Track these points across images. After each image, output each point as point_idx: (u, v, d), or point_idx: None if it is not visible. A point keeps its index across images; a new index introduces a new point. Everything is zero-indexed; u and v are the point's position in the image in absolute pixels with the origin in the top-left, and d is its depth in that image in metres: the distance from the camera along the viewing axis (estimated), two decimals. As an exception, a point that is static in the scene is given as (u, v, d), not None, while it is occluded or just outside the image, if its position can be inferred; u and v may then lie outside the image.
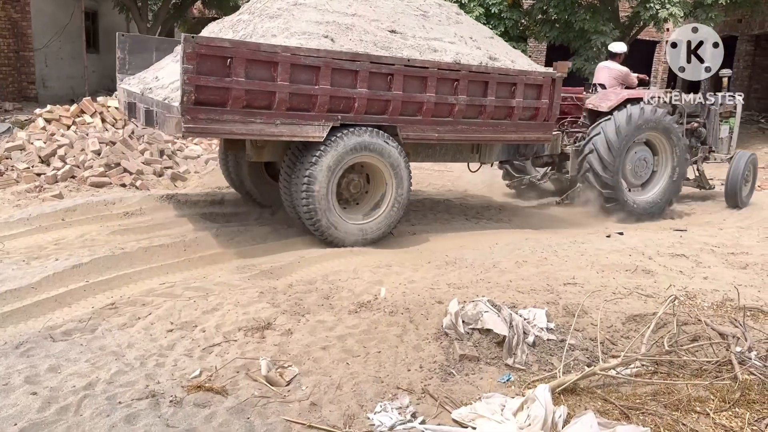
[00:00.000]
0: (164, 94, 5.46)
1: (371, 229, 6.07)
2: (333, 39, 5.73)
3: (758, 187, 11.01)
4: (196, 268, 5.14)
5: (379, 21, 6.35)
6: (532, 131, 6.88)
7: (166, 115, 5.21)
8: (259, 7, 6.19)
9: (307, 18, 5.88)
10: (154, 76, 6.18)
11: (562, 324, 4.21)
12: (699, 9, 13.76)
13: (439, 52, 6.31)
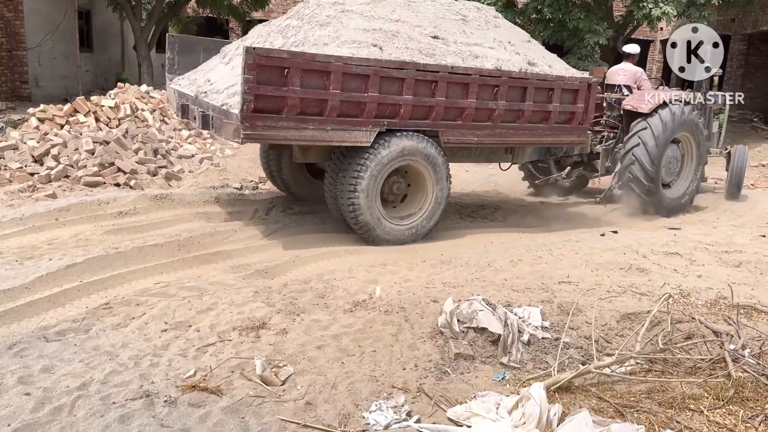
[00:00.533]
0: (221, 99, 5.61)
1: (412, 229, 6.30)
2: (381, 47, 5.93)
3: (751, 186, 11.07)
4: (191, 268, 5.12)
5: (422, 27, 6.53)
6: (567, 135, 7.07)
7: (223, 120, 5.39)
8: (307, 13, 6.40)
9: (355, 25, 6.07)
10: (206, 78, 6.35)
11: (556, 322, 4.22)
12: (692, 8, 13.81)
13: (480, 58, 6.46)
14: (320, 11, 6.30)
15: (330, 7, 6.34)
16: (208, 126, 5.67)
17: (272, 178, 7.50)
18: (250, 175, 8.77)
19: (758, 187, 10.95)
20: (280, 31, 6.35)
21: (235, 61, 6.33)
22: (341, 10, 6.29)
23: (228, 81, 5.87)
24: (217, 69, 6.48)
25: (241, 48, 5.78)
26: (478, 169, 11.36)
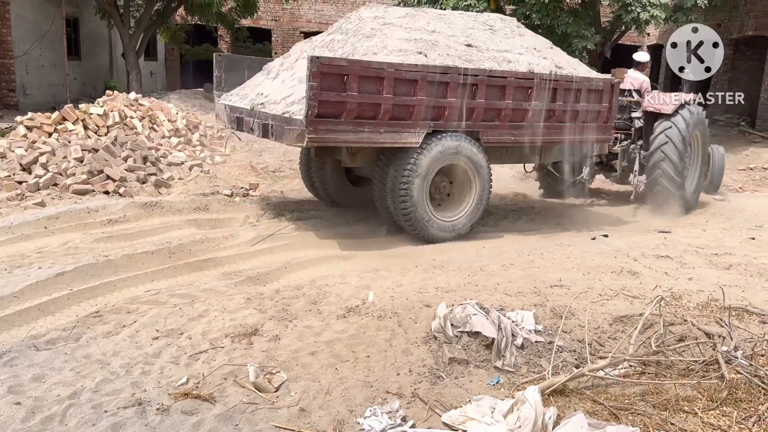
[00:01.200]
0: (280, 108, 5.95)
1: (458, 225, 6.69)
2: (426, 54, 6.37)
3: (739, 189, 11.17)
4: (182, 275, 5.08)
5: (456, 36, 7.01)
6: (593, 133, 7.54)
7: (285, 127, 5.74)
8: (351, 27, 6.89)
9: (398, 36, 6.53)
10: (257, 92, 6.75)
11: (549, 326, 4.22)
12: (679, 12, 13.92)
13: (513, 62, 6.91)
14: (364, 25, 6.75)
15: (372, 21, 6.80)
16: (268, 134, 6.02)
17: (313, 187, 7.80)
18: (241, 181, 8.74)
19: (746, 190, 11.05)
20: (324, 45, 6.76)
21: (283, 75, 6.79)
22: (382, 23, 6.76)
23: (282, 92, 6.25)
24: (265, 84, 6.92)
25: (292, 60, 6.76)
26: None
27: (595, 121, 7.44)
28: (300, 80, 6.12)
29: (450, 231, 6.61)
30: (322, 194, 7.74)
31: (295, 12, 25.08)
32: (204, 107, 13.77)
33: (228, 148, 10.99)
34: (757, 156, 13.50)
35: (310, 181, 7.77)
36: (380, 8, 7.41)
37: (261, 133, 6.15)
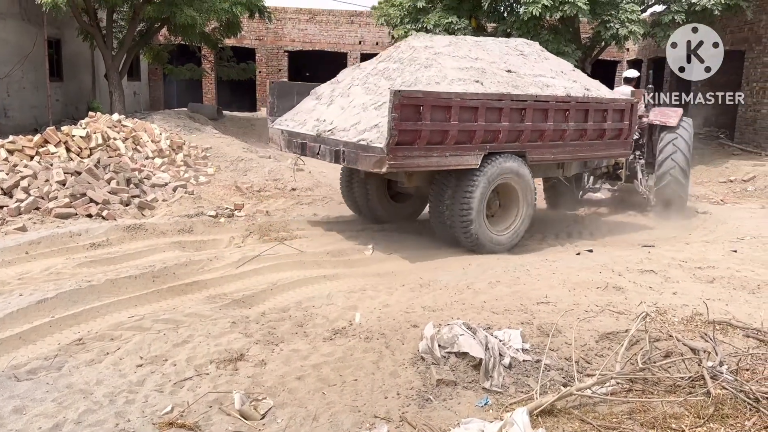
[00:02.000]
0: (352, 136, 6.38)
1: (508, 239, 7.21)
2: (482, 83, 6.92)
3: (720, 201, 11.31)
4: (166, 300, 5.03)
5: (496, 63, 7.57)
6: (616, 148, 8.26)
7: (360, 153, 6.18)
8: (405, 56, 7.36)
9: (451, 65, 7.05)
10: (316, 118, 7.16)
11: (537, 344, 4.22)
12: (657, 27, 14.17)
13: (551, 87, 7.50)
14: (418, 54, 7.25)
15: (424, 50, 7.32)
16: (339, 160, 6.45)
17: (354, 204, 8.21)
18: (225, 201, 8.70)
19: (727, 202, 11.18)
20: (379, 74, 7.26)
21: (339, 102, 7.22)
22: (434, 52, 7.27)
23: (347, 120, 6.70)
24: (319, 109, 7.34)
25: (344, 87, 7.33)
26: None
27: (618, 138, 8.10)
28: (363, 108, 6.74)
29: (501, 244, 7.09)
30: (364, 211, 8.13)
31: (278, 31, 25.20)
32: (188, 127, 13.72)
33: (212, 168, 10.96)
34: (737, 168, 13.70)
35: (352, 198, 8.16)
36: (427, 37, 8.13)
37: (332, 158, 6.54)
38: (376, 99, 6.78)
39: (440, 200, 6.85)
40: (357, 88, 7.23)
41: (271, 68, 25.52)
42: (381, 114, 6.35)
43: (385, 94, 6.47)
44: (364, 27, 24.96)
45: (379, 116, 6.38)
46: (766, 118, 15.65)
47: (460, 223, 6.70)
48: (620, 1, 12.91)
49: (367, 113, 6.59)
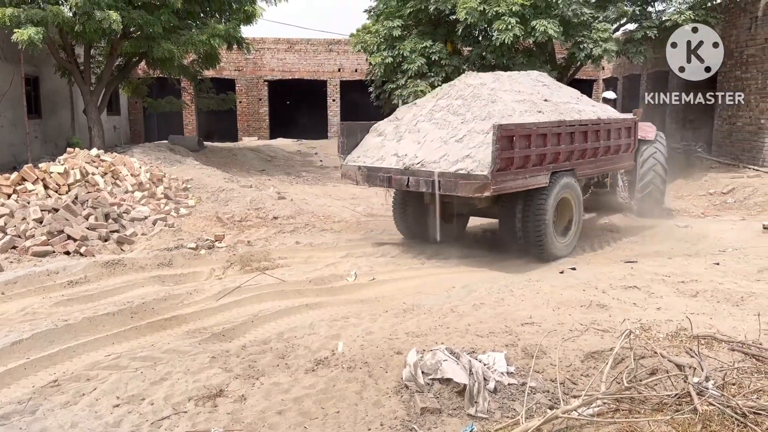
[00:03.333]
0: (447, 166, 7.12)
1: (569, 246, 8.11)
2: (543, 112, 7.95)
3: (701, 214, 11.40)
4: (144, 336, 4.92)
5: (534, 94, 8.52)
6: (626, 160, 9.45)
7: (460, 181, 6.93)
8: (465, 93, 8.20)
9: (510, 99, 8.02)
10: (394, 153, 7.81)
11: (522, 366, 4.18)
12: (629, 44, 14.41)
13: (582, 112, 8.59)
14: (479, 90, 8.14)
15: (481, 86, 8.24)
16: (433, 188, 7.15)
17: (407, 227, 8.84)
18: (206, 233, 8.61)
19: (708, 215, 11.27)
20: (444, 110, 8.06)
21: (411, 137, 7.93)
22: (490, 88, 8.19)
23: (433, 153, 7.41)
24: (389, 145, 8.04)
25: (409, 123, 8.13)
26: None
27: (627, 151, 9.30)
28: (443, 141, 7.51)
29: (563, 250, 7.95)
30: (418, 233, 8.70)
31: (258, 61, 25.34)
32: (168, 159, 13.63)
33: (193, 199, 10.88)
34: (716, 181, 13.84)
35: (405, 223, 8.82)
36: (477, 75, 8.97)
37: (428, 188, 7.25)
38: (454, 133, 7.60)
39: (512, 217, 7.68)
40: (425, 124, 8.01)
41: (252, 98, 25.60)
42: (466, 146, 7.25)
43: (459, 128, 7.57)
44: (343, 55, 25.17)
45: (465, 147, 7.24)
46: (741, 131, 15.89)
47: (535, 236, 7.50)
48: (592, 22, 13.13)
49: (449, 146, 7.39)
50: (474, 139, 7.32)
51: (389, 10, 14.94)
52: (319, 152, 21.23)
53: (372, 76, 16.44)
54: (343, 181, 8.59)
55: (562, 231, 8.10)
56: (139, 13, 14.09)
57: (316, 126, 25.81)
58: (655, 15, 14.41)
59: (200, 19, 16.65)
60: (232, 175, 14.04)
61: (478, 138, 7.29)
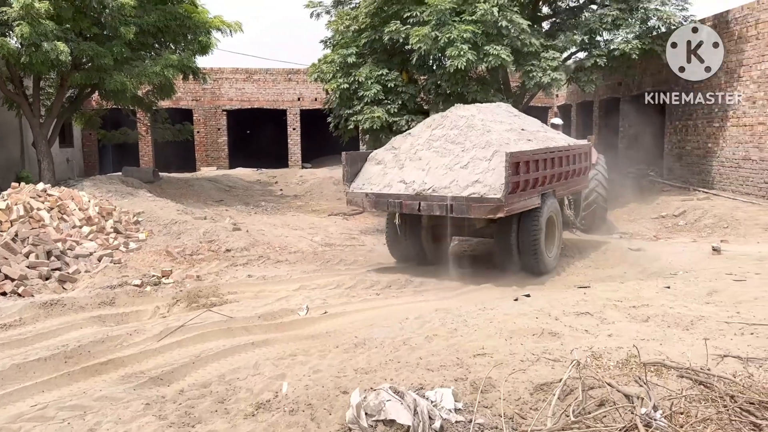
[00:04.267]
0: (459, 191, 7.86)
1: (554, 260, 8.90)
2: (532, 141, 8.96)
3: (654, 237, 11.58)
4: (77, 383, 4.66)
5: (512, 123, 9.45)
6: (583, 182, 10.66)
7: (473, 205, 7.69)
8: (459, 124, 8.82)
9: (500, 128, 8.84)
10: (401, 180, 8.41)
11: (471, 401, 4.05)
12: (580, 72, 14.72)
13: (553, 139, 9.73)
14: (471, 121, 8.80)
15: (472, 117, 8.91)
16: (445, 211, 7.84)
17: (401, 252, 9.42)
18: (154, 268, 8.34)
19: (660, 238, 11.45)
20: (442, 139, 8.64)
21: (412, 165, 8.53)
22: (480, 119, 8.94)
23: (441, 180, 8.09)
24: (392, 173, 8.60)
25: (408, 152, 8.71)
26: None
27: (584, 174, 10.39)
28: (449, 168, 8.15)
29: (552, 263, 8.75)
30: (411, 255, 9.32)
31: (216, 91, 25.16)
32: (120, 192, 13.29)
33: (144, 233, 10.58)
34: (667, 204, 14.13)
35: (398, 247, 9.39)
36: (465, 107, 9.66)
37: (441, 211, 7.90)
38: (457, 160, 8.24)
39: (508, 235, 8.41)
40: (426, 152, 8.60)
41: (210, 128, 25.34)
42: (472, 172, 7.96)
43: (461, 155, 8.26)
44: (303, 84, 25.16)
45: (472, 173, 7.95)
46: (690, 155, 16.33)
47: (531, 251, 8.26)
48: (542, 51, 13.38)
49: (456, 172, 8.08)
50: (479, 165, 8.00)
51: (345, 40, 15.00)
52: (279, 181, 21.06)
53: (330, 105, 16.45)
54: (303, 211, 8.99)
55: (549, 246, 8.78)
56: (89, 45, 13.85)
57: (276, 155, 25.66)
58: (604, 44, 14.76)
59: (154, 50, 16.46)
60: (188, 206, 13.76)
61: (482, 165, 7.99)
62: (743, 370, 4.42)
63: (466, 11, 13.07)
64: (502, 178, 7.59)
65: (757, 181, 13.65)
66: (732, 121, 14.46)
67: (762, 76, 13.27)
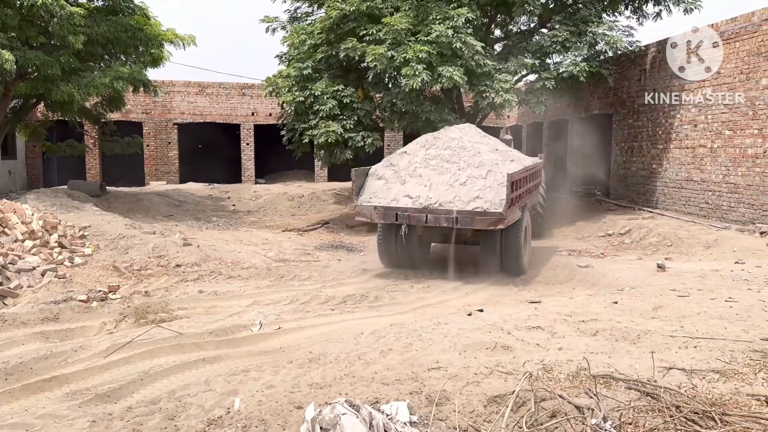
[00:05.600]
0: (461, 205, 8.92)
1: (527, 262, 9.95)
2: (514, 160, 10.51)
3: (601, 254, 11.90)
4: (18, 400, 4.46)
5: (488, 143, 10.81)
6: (537, 195, 12.07)
7: (477, 217, 8.74)
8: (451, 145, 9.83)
9: (486, 150, 10.03)
10: (406, 194, 9.32)
11: (425, 414, 4.07)
12: (530, 95, 15.12)
13: (521, 159, 11.34)
14: (462, 143, 9.82)
15: (460, 139, 9.98)
16: (452, 223, 8.87)
17: (391, 259, 10.25)
18: (101, 283, 8.08)
19: (607, 255, 11.77)
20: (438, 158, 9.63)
21: (414, 181, 9.45)
22: (468, 140, 10.07)
23: (444, 195, 9.11)
24: (395, 188, 9.49)
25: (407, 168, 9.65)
26: (350, 257, 11.38)
27: (538, 187, 11.99)
28: (449, 185, 9.18)
29: (526, 265, 9.86)
30: (403, 262, 10.20)
31: (167, 104, 24.76)
32: (65, 206, 12.87)
33: (90, 248, 10.25)
34: (614, 223, 14.55)
35: (389, 254, 10.20)
36: (451, 129, 10.76)
37: (448, 223, 8.89)
38: (455, 178, 9.24)
39: (493, 243, 9.48)
40: (424, 170, 9.54)
41: (160, 141, 24.87)
42: (471, 188, 9.03)
43: (458, 174, 9.26)
44: (257, 99, 25.02)
45: (471, 190, 9.01)
46: (635, 175, 16.92)
47: (514, 257, 9.42)
48: (494, 73, 13.70)
49: (456, 189, 9.10)
50: (476, 183, 9.08)
51: (300, 55, 15.03)
52: (232, 196, 20.78)
53: (284, 119, 16.38)
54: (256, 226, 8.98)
55: (525, 252, 9.92)
56: (36, 54, 13.47)
57: (228, 170, 25.34)
58: (553, 66, 15.21)
59: (104, 61, 16.11)
60: (136, 221, 13.42)
61: (479, 182, 9.07)
62: (687, 381, 4.57)
63: (421, 31, 13.29)
64: (499, 194, 8.75)
65: (698, 202, 14.23)
66: (675, 143, 15.07)
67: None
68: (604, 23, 14.77)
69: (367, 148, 14.55)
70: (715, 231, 12.51)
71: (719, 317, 6.32)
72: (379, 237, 10.27)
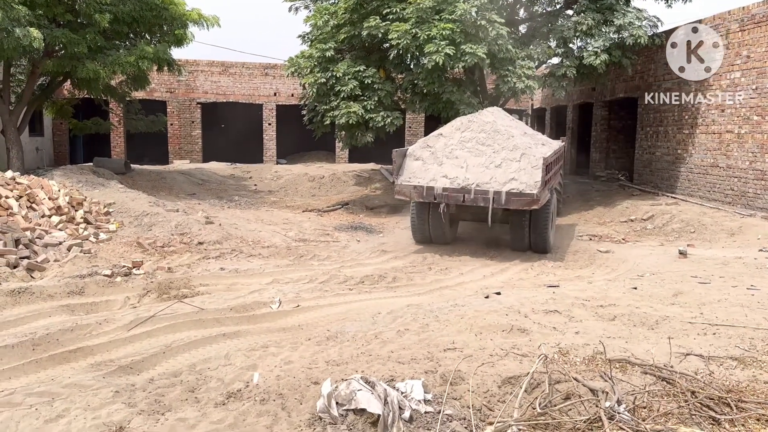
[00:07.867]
0: (497, 186, 9.36)
1: (553, 240, 10.59)
2: (545, 144, 11.36)
3: (622, 240, 11.80)
4: (45, 370, 4.61)
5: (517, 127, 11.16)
6: (559, 176, 12.24)
7: (513, 198, 9.23)
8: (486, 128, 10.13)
9: (518, 132, 10.53)
10: (444, 175, 9.77)
11: (440, 393, 4.12)
12: (551, 78, 14.90)
13: (550, 142, 12.04)
14: (496, 127, 10.11)
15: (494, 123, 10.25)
16: (488, 203, 9.30)
17: (425, 235, 10.82)
18: (125, 259, 8.24)
19: (629, 241, 11.67)
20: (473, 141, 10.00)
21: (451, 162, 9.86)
22: (501, 123, 10.45)
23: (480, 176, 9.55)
24: (432, 169, 9.92)
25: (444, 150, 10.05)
26: (369, 239, 11.45)
27: (561, 169, 12.45)
28: (485, 167, 9.60)
29: (552, 243, 10.53)
30: (434, 238, 10.78)
31: (191, 83, 24.90)
32: (91, 182, 13.09)
33: (114, 224, 10.44)
34: (637, 208, 14.39)
35: (423, 232, 10.77)
36: (485, 113, 11.03)
37: (485, 203, 9.33)
38: (491, 160, 9.65)
39: (523, 223, 10.04)
40: (460, 152, 9.92)
41: (184, 120, 25.07)
42: (506, 170, 9.42)
43: (493, 156, 9.67)
44: (279, 79, 25.04)
45: (507, 172, 9.41)
46: (660, 160, 16.67)
47: (542, 235, 10.01)
48: (517, 58, 13.54)
49: (492, 171, 9.53)
50: (511, 165, 9.44)
51: (323, 35, 14.99)
52: (253, 176, 20.93)
53: (306, 100, 16.37)
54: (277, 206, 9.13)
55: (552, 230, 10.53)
56: (63, 32, 13.61)
57: (251, 150, 25.49)
58: (577, 52, 14.93)
59: (129, 40, 16.22)
60: (160, 198, 13.61)
61: (513, 165, 9.43)
62: (705, 367, 4.57)
63: (445, 10, 13.16)
64: (533, 176, 9.20)
65: (723, 188, 14.00)
66: (701, 128, 14.80)
67: (731, 85, 13.62)
68: (630, 11, 14.36)
69: (388, 127, 14.49)
70: (740, 218, 12.32)
71: (740, 305, 6.26)
72: (413, 215, 10.74)
